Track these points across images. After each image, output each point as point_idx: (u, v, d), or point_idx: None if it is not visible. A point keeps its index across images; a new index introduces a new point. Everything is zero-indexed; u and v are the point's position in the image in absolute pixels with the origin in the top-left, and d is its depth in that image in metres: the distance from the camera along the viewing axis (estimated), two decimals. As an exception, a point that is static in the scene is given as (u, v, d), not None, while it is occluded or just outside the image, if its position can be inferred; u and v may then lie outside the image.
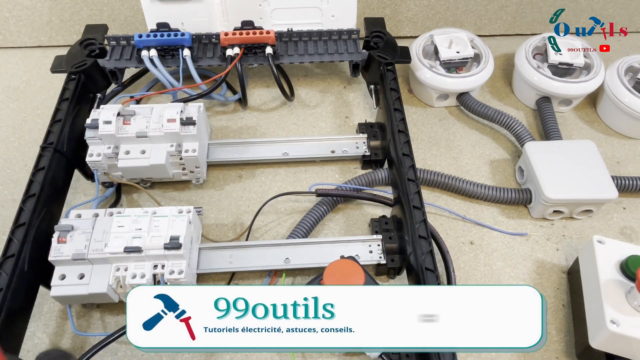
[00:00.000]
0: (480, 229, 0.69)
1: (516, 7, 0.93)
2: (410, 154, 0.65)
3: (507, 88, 0.88)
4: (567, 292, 0.63)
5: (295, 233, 0.64)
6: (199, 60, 0.75)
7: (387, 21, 0.84)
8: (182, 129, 0.64)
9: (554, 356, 0.58)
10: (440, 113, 0.83)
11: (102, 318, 0.60)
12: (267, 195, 0.69)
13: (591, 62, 0.81)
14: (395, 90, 0.71)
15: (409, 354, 0.54)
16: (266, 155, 0.73)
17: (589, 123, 0.83)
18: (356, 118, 0.81)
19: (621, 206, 0.72)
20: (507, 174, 0.75)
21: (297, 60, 0.77)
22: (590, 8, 0.94)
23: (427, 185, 0.72)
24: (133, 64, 0.74)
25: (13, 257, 0.53)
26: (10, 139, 0.78)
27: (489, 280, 0.64)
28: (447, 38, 0.82)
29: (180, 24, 0.76)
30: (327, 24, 0.80)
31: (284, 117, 0.81)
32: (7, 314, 0.50)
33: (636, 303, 0.52)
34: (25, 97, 0.84)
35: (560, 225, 0.70)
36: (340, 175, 0.74)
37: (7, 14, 0.88)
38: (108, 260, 0.55)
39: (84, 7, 0.88)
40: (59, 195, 0.64)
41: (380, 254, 0.61)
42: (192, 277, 0.58)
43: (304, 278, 0.63)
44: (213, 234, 0.67)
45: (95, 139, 0.64)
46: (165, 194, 0.71)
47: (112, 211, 0.58)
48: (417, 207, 0.59)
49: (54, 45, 0.92)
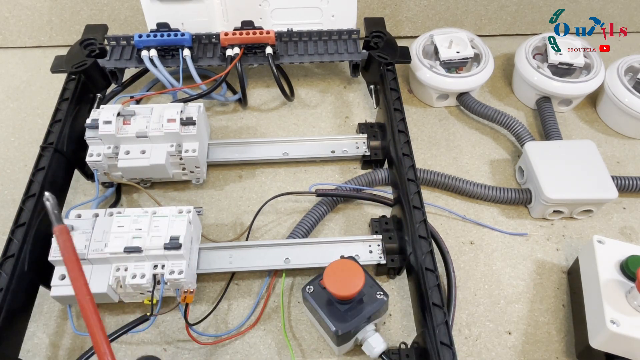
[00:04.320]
0: (480, 229, 0.69)
1: (516, 7, 0.93)
2: (410, 154, 0.65)
3: (507, 88, 0.88)
4: (567, 292, 0.63)
5: (295, 233, 0.64)
6: (199, 60, 0.75)
7: (387, 21, 0.84)
8: (182, 129, 0.64)
9: (554, 356, 0.58)
10: (440, 113, 0.83)
11: (102, 318, 0.59)
12: (267, 195, 0.69)
13: (591, 62, 0.81)
14: (395, 90, 0.71)
15: (408, 354, 0.54)
16: (266, 155, 0.73)
17: (589, 123, 0.83)
18: (356, 118, 0.81)
19: (621, 206, 0.72)
20: (507, 174, 0.75)
21: (297, 60, 0.77)
22: (590, 8, 0.94)
23: (427, 185, 0.72)
24: (133, 64, 0.74)
25: (13, 257, 0.53)
26: (10, 139, 0.78)
27: (489, 280, 0.64)
28: (447, 38, 0.82)
29: (180, 24, 0.76)
30: (327, 24, 0.80)
31: (284, 117, 0.81)
32: (7, 314, 0.50)
33: (636, 303, 0.52)
34: (25, 97, 0.84)
35: (560, 225, 0.70)
36: (340, 175, 0.74)
37: (7, 14, 0.88)
38: (108, 260, 0.55)
39: (84, 7, 0.88)
40: (59, 195, 0.64)
41: (380, 254, 0.61)
42: (192, 277, 0.58)
43: (304, 278, 0.63)
44: (213, 234, 0.67)
45: (95, 139, 0.64)
46: (165, 194, 0.71)
47: (112, 211, 0.58)
48: (417, 207, 0.59)
49: (54, 45, 0.92)
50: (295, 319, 0.60)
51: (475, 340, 0.59)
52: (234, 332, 0.58)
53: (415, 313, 0.57)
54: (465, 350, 0.58)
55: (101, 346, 0.30)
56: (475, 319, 0.61)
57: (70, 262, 0.30)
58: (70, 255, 0.30)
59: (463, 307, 0.62)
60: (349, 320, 0.51)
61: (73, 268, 0.30)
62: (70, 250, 0.31)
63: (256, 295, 0.61)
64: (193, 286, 0.58)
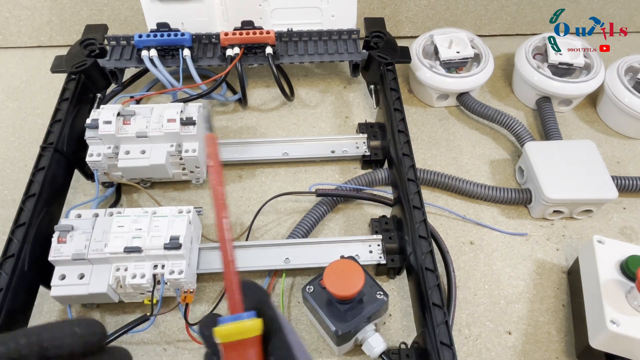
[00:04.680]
0: (480, 229, 0.69)
1: (516, 7, 0.93)
2: (410, 154, 0.65)
3: (507, 88, 0.88)
4: (567, 292, 0.63)
5: (295, 233, 0.64)
6: (199, 60, 0.75)
7: (387, 21, 0.84)
8: (182, 129, 0.64)
9: (554, 356, 0.58)
10: (440, 113, 0.83)
11: (102, 318, 0.60)
12: (267, 195, 0.69)
13: (591, 62, 0.81)
14: (395, 90, 0.71)
15: (408, 354, 0.54)
16: (266, 155, 0.73)
17: (589, 123, 0.83)
18: (356, 118, 0.81)
19: (621, 206, 0.72)
20: (507, 174, 0.75)
21: (297, 60, 0.77)
22: (590, 8, 0.94)
23: (427, 185, 0.72)
24: (133, 64, 0.74)
25: (13, 257, 0.53)
26: (10, 139, 0.78)
27: (489, 280, 0.64)
28: (447, 38, 0.82)
29: (180, 24, 0.76)
30: (327, 24, 0.80)
31: (284, 117, 0.81)
32: (7, 314, 0.50)
33: (636, 303, 0.52)
34: (25, 97, 0.84)
35: (560, 225, 0.70)
36: (340, 175, 0.74)
37: (7, 14, 0.88)
38: (108, 260, 0.55)
39: (84, 7, 0.88)
40: (59, 195, 0.64)
41: (380, 254, 0.61)
42: (192, 277, 0.58)
43: (304, 278, 0.63)
44: (213, 234, 0.67)
45: (95, 139, 0.64)
46: (165, 194, 0.71)
47: (112, 211, 0.58)
48: (417, 207, 0.59)
49: (54, 45, 0.92)
50: (295, 319, 0.60)
51: (475, 340, 0.59)
52: (234, 332, 0.58)
53: (415, 313, 0.57)
54: (465, 350, 0.58)
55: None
56: (475, 319, 0.61)
57: (216, 168, 0.34)
58: (216, 161, 0.35)
59: (463, 307, 0.62)
60: (349, 320, 0.51)
61: (216, 172, 0.34)
62: (215, 155, 0.35)
63: (256, 295, 0.61)
64: (193, 286, 0.58)
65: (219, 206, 0.33)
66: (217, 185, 0.33)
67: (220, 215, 0.33)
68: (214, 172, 0.34)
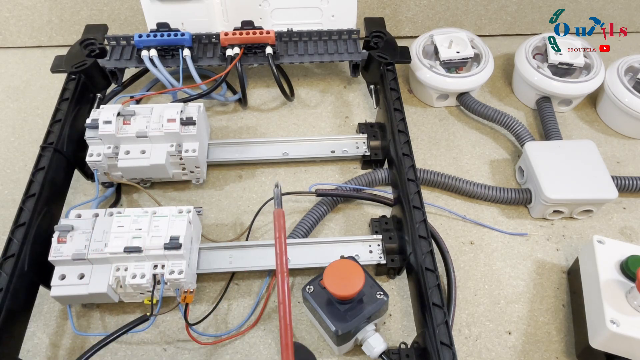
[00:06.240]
0: (480, 229, 0.69)
1: (516, 7, 0.93)
2: (410, 154, 0.65)
3: (507, 88, 0.88)
4: (567, 292, 0.63)
5: (295, 233, 0.64)
6: (199, 60, 0.75)
7: (387, 21, 0.84)
8: (182, 129, 0.64)
9: (554, 356, 0.58)
10: (440, 113, 0.83)
11: (102, 318, 0.60)
12: (267, 195, 0.69)
13: (591, 62, 0.81)
14: (395, 90, 0.71)
15: (408, 354, 0.54)
16: (266, 155, 0.73)
17: (589, 123, 0.83)
18: (356, 118, 0.81)
19: (621, 206, 0.72)
20: (507, 174, 0.75)
21: (297, 60, 0.77)
22: (590, 8, 0.94)
23: (427, 185, 0.72)
24: (133, 64, 0.74)
25: (13, 257, 0.53)
26: (10, 139, 0.78)
27: (489, 280, 0.64)
28: (447, 38, 0.82)
29: (180, 24, 0.76)
30: (327, 24, 0.80)
31: (284, 117, 0.81)
32: (7, 314, 0.50)
33: (636, 303, 0.52)
34: (25, 97, 0.84)
35: (560, 225, 0.70)
36: (340, 175, 0.74)
37: (7, 14, 0.88)
38: (108, 260, 0.55)
39: (84, 7, 0.88)
40: (59, 195, 0.64)
41: (380, 254, 0.61)
42: (192, 277, 0.58)
43: (304, 278, 0.63)
44: (213, 234, 0.67)
45: (95, 139, 0.64)
46: (165, 194, 0.71)
47: (112, 211, 0.58)
48: (417, 207, 0.59)
49: (54, 45, 0.92)
50: (295, 319, 0.60)
51: (475, 340, 0.59)
52: (234, 332, 0.58)
53: (415, 313, 0.57)
54: (465, 350, 0.58)
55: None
56: (475, 319, 0.61)
57: (280, 240, 0.42)
58: (280, 235, 0.43)
59: (463, 307, 0.62)
60: (349, 320, 0.51)
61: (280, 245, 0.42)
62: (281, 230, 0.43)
63: (256, 295, 0.61)
64: (193, 286, 0.58)
65: (282, 272, 0.42)
66: (282, 264, 0.42)
67: (283, 285, 0.42)
68: (279, 244, 0.42)
